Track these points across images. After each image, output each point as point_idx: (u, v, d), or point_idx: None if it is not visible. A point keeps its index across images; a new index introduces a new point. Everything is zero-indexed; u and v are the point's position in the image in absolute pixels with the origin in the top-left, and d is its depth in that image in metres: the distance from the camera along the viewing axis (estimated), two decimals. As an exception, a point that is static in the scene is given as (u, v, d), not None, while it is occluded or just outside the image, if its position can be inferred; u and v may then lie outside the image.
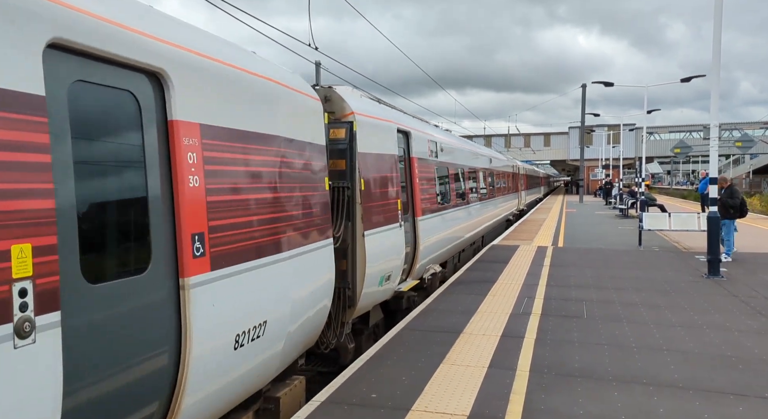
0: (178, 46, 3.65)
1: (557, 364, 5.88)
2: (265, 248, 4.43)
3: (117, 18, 3.14)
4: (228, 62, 4.21)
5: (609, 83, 31.68)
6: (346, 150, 6.71)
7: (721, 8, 11.00)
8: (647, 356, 6.13)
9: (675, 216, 15.04)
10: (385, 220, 7.47)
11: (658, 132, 67.98)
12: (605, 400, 4.96)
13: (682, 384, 5.31)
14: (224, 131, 4.01)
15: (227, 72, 4.15)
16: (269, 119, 4.66)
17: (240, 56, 4.51)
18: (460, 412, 4.71)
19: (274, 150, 4.70)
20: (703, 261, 11.84)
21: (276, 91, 4.87)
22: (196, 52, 3.83)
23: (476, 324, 7.47)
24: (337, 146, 6.70)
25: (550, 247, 15.36)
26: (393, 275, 7.82)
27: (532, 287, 9.89)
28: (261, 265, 4.36)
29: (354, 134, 6.72)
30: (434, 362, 5.96)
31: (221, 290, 3.84)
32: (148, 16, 3.55)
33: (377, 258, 7.09)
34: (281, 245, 4.70)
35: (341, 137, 6.69)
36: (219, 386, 3.91)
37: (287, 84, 5.17)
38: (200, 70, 3.83)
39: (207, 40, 4.14)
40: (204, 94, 3.84)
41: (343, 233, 6.58)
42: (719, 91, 11.21)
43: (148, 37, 3.36)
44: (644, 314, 7.97)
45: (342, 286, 6.58)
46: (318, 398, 5.02)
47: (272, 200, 4.60)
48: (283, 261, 4.72)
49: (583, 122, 43.26)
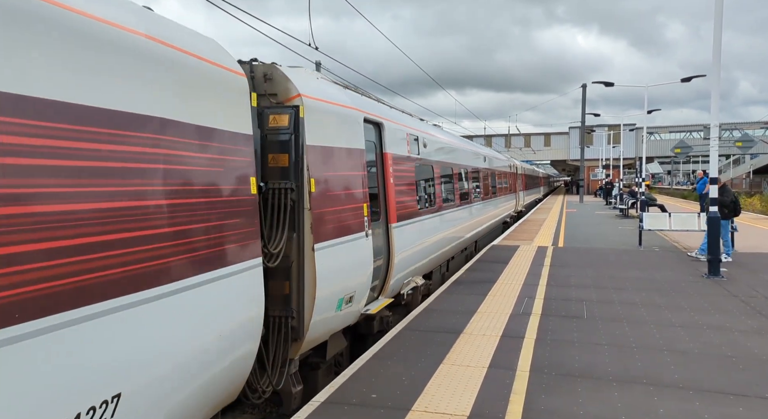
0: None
1: (557, 364, 5.88)
2: (108, 287, 3.06)
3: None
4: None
5: (609, 83, 31.67)
6: (290, 142, 5.35)
7: (721, 8, 11.00)
8: (647, 356, 6.13)
9: (675, 216, 15.04)
10: (346, 229, 6.18)
11: (658, 132, 67.98)
12: (605, 400, 4.96)
13: (682, 384, 5.31)
14: (26, 101, 2.66)
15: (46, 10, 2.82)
16: (136, 92, 3.38)
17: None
18: (460, 412, 4.71)
19: (142, 138, 3.40)
20: (703, 261, 11.83)
21: (153, 52, 3.55)
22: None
23: (476, 324, 7.47)
24: (278, 137, 5.36)
25: (550, 247, 15.35)
26: (357, 295, 6.52)
27: (533, 287, 9.89)
28: (91, 315, 2.95)
29: (300, 121, 5.38)
30: (434, 362, 5.96)
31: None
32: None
33: (333, 277, 5.82)
34: (148, 277, 3.35)
35: (283, 125, 5.34)
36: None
37: (179, 46, 3.84)
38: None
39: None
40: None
41: (286, 248, 5.23)
42: (720, 91, 11.21)
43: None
44: (644, 314, 7.96)
45: (283, 315, 5.33)
46: (318, 398, 5.02)
47: (130, 210, 3.25)
48: (153, 302, 3.39)
49: (584, 122, 43.25)
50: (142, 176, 3.39)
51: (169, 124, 3.65)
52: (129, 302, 3.21)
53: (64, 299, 2.79)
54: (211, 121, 4.09)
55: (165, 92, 3.64)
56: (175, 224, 3.61)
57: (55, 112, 2.82)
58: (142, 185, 3.38)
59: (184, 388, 3.73)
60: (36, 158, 2.71)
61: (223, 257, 4.11)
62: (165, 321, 3.50)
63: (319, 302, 5.54)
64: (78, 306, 2.88)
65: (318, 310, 5.55)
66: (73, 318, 2.84)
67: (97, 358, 2.98)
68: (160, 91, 3.59)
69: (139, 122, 3.39)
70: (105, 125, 3.13)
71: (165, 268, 3.50)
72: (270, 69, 5.52)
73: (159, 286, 3.45)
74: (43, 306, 2.68)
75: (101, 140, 3.11)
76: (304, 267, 5.42)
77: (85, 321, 2.91)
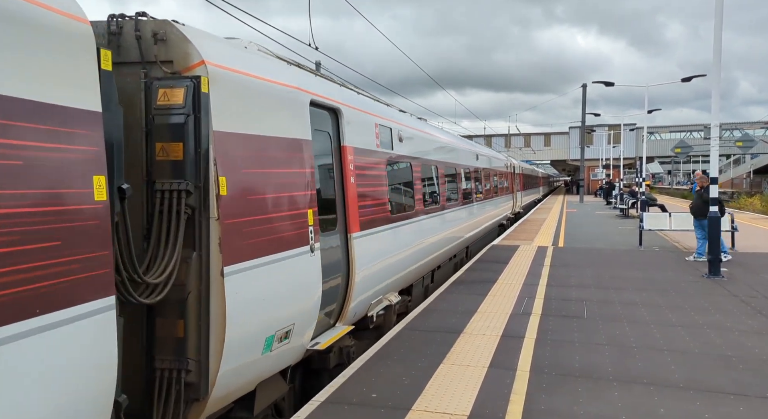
0: None
1: (558, 364, 5.88)
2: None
3: None
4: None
5: (609, 83, 31.68)
6: (186, 125, 3.94)
7: (722, 7, 10.99)
8: (647, 356, 6.12)
9: (675, 216, 15.03)
10: (278, 243, 4.73)
11: (658, 132, 67.98)
12: (605, 400, 4.95)
13: (682, 384, 5.30)
14: None
15: None
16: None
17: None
18: (460, 412, 4.71)
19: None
20: (703, 261, 11.83)
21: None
22: None
23: (476, 323, 7.46)
24: (169, 119, 3.96)
25: (550, 247, 15.35)
26: (298, 327, 5.08)
27: (533, 287, 9.88)
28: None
29: (203, 97, 3.97)
30: (434, 362, 5.95)
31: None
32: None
33: (256, 309, 4.43)
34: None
35: (176, 102, 3.95)
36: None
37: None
38: None
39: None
40: None
41: (180, 274, 3.87)
42: (720, 91, 11.21)
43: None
44: (644, 314, 7.96)
45: (175, 367, 3.94)
46: (318, 398, 5.02)
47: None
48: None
49: (584, 122, 43.25)
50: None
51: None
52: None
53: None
54: (19, 89, 2.67)
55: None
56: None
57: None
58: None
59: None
60: None
61: (33, 303, 2.65)
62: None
63: (232, 346, 4.12)
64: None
65: (230, 356, 4.13)
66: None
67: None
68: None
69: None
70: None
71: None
72: (163, 26, 4.03)
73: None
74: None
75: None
76: (209, 299, 3.99)
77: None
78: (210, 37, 4.47)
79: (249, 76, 4.63)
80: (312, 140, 5.51)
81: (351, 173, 6.50)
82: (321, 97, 5.93)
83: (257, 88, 4.75)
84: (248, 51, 5.13)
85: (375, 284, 7.09)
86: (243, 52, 4.93)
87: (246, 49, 5.13)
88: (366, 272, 6.66)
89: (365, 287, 6.70)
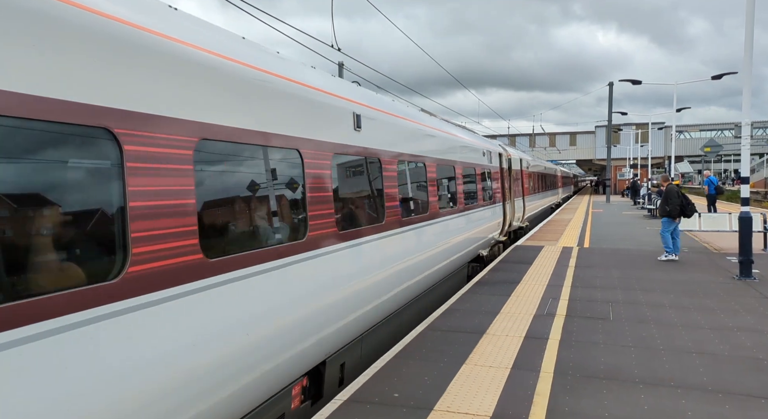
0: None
1: (582, 366, 5.80)
2: None
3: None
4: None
5: (637, 81, 31.13)
6: None
7: (753, 3, 10.72)
8: (675, 358, 6.01)
9: (705, 217, 14.70)
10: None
11: (688, 131, 66.60)
12: (631, 403, 4.87)
13: (711, 387, 5.19)
14: None
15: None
16: None
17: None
18: (482, 413, 4.69)
19: None
20: (734, 262, 11.55)
21: None
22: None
23: (499, 324, 7.41)
24: None
25: (575, 248, 15.15)
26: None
27: (557, 288, 9.77)
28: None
29: None
30: (457, 362, 5.93)
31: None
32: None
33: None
34: None
35: None
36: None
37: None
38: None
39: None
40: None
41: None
42: (751, 88, 10.94)
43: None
44: (672, 316, 7.81)
45: None
46: (340, 397, 5.04)
47: None
48: None
49: (610, 121, 42.56)
50: None
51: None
52: None
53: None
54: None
55: None
56: None
57: None
58: None
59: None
60: None
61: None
62: None
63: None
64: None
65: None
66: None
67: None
68: None
69: None
70: None
71: None
72: None
73: None
74: None
75: None
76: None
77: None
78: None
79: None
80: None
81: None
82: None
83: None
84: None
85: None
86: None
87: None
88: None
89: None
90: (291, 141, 4.97)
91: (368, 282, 6.41)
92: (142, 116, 3.31)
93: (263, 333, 4.34)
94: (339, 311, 5.64)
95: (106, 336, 2.98)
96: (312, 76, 5.80)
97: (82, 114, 2.92)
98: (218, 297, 3.84)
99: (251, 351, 4.18)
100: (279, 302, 4.58)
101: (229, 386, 3.96)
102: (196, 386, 3.64)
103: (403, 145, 7.91)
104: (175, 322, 3.46)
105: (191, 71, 3.77)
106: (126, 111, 3.19)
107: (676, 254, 12.87)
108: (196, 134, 3.77)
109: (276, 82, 4.83)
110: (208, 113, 3.92)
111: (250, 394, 4.24)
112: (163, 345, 3.36)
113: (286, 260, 4.69)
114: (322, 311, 5.30)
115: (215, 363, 3.79)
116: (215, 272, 3.82)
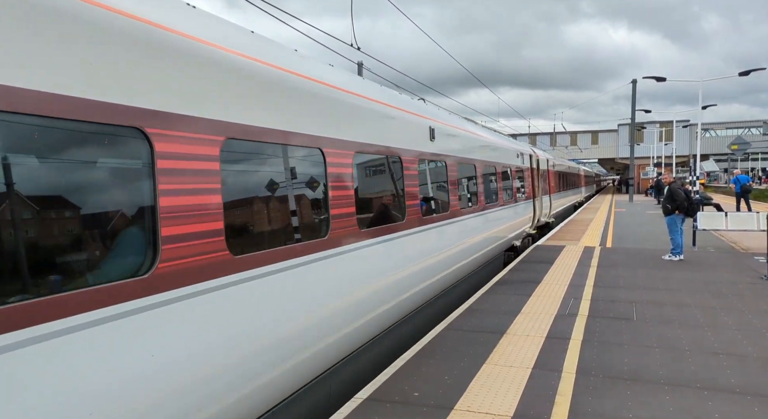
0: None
1: (605, 366, 5.72)
2: None
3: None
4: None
5: (661, 78, 30.61)
6: None
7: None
8: (701, 359, 5.88)
9: (732, 216, 14.38)
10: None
11: (713, 128, 65.27)
12: (656, 404, 4.78)
13: (739, 389, 5.07)
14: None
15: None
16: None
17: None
18: (503, 413, 4.64)
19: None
20: (762, 262, 11.28)
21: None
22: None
23: (520, 324, 7.34)
24: None
25: (597, 247, 14.95)
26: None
27: (579, 288, 9.65)
28: None
29: None
30: (477, 362, 5.89)
31: None
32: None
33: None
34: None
35: None
36: None
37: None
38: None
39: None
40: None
41: None
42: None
43: None
44: (698, 316, 7.65)
45: None
46: (360, 395, 5.04)
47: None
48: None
49: (633, 119, 41.92)
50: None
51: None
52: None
53: None
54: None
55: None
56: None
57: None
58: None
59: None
60: None
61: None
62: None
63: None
64: None
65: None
66: None
67: None
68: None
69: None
70: None
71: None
72: None
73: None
74: None
75: None
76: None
77: None
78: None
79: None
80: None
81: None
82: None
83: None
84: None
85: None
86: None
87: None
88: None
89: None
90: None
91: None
92: (172, 115, 3.39)
93: (287, 330, 4.42)
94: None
95: (138, 327, 3.06)
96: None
97: (117, 115, 3.01)
98: (242, 293, 3.89)
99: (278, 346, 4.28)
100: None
101: (255, 380, 4.04)
102: (224, 379, 3.71)
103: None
104: (202, 316, 3.52)
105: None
106: (157, 111, 3.28)
107: (680, 256, 12.62)
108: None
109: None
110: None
111: (270, 392, 4.28)
112: (200, 336, 3.50)
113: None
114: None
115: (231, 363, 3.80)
116: (241, 267, 3.87)
